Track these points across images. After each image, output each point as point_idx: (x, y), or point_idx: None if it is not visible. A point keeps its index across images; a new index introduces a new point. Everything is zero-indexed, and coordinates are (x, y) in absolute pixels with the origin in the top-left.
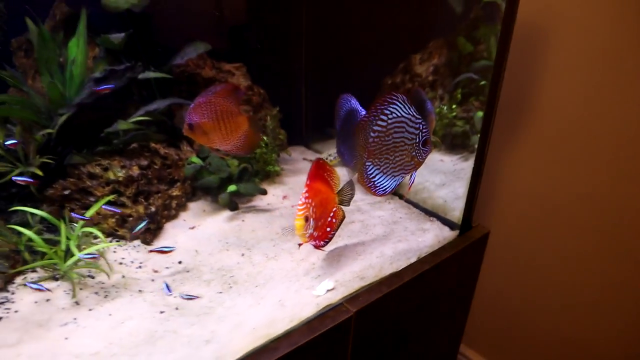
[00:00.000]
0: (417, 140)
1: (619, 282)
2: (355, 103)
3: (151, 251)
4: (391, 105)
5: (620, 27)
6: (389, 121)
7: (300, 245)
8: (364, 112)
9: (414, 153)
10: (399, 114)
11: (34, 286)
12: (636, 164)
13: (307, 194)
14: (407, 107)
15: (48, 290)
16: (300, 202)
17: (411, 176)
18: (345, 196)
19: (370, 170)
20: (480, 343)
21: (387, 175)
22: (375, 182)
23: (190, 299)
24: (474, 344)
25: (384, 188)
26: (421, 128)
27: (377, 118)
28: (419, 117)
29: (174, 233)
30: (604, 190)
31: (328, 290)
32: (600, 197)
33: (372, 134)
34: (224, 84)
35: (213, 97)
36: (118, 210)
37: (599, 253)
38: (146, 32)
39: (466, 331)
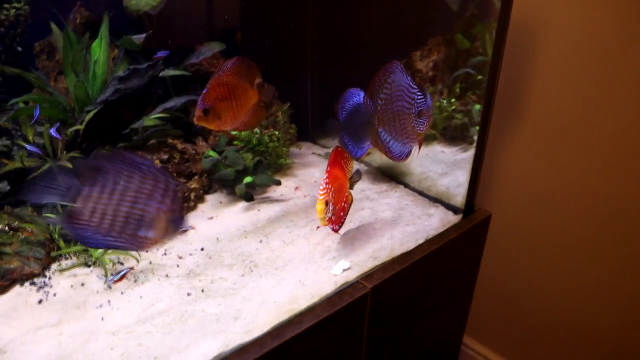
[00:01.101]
0: (414, 111)
1: (618, 268)
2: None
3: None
4: (392, 74)
5: (614, 23)
6: (392, 89)
7: (318, 227)
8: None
9: (413, 123)
10: (399, 83)
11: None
12: (629, 153)
13: (327, 180)
14: (405, 76)
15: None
16: (321, 187)
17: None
18: (353, 182)
19: (383, 136)
20: (482, 333)
21: (398, 142)
22: (391, 147)
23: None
24: (477, 334)
25: (399, 153)
26: (416, 99)
27: (382, 86)
28: (415, 87)
29: (194, 223)
30: (599, 178)
31: (344, 270)
32: (596, 185)
33: (379, 102)
34: (233, 59)
35: (224, 75)
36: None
37: (597, 239)
38: (161, 33)
39: (469, 322)
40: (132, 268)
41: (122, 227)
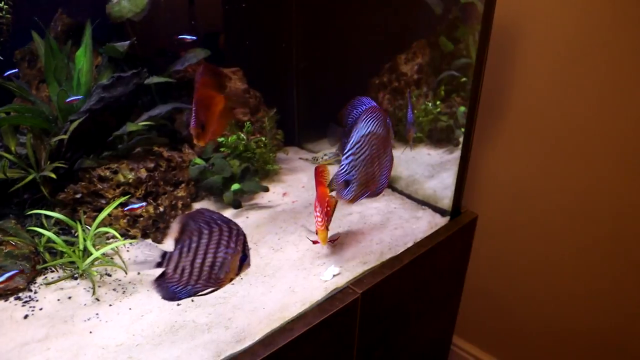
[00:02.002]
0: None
1: (604, 266)
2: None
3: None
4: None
5: (593, 26)
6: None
7: (315, 242)
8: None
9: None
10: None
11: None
12: (612, 151)
13: (319, 206)
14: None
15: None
16: (317, 215)
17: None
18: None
19: None
20: (472, 333)
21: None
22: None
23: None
24: (466, 334)
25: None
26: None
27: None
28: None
29: None
30: (584, 177)
31: (334, 275)
32: (581, 184)
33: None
34: (200, 69)
35: (201, 88)
36: (143, 204)
37: (582, 238)
38: (145, 40)
39: (458, 322)
40: (21, 271)
41: (204, 275)
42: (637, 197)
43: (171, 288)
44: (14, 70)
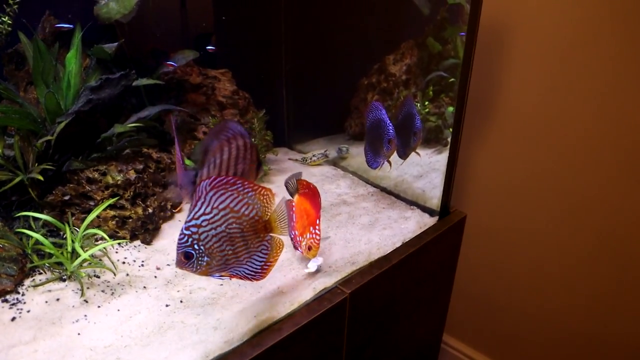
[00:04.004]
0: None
1: (593, 262)
2: (383, 114)
3: None
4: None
5: (577, 27)
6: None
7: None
8: (389, 123)
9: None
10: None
11: None
12: (599, 149)
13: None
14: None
15: None
16: (318, 236)
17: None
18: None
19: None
20: (462, 331)
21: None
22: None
23: None
24: (456, 332)
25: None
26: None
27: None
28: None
29: (171, 232)
30: (571, 175)
31: (318, 266)
32: (568, 182)
33: None
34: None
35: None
36: None
37: (570, 235)
38: (133, 41)
39: (448, 320)
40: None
41: None
42: (625, 197)
43: None
44: (69, 25)
